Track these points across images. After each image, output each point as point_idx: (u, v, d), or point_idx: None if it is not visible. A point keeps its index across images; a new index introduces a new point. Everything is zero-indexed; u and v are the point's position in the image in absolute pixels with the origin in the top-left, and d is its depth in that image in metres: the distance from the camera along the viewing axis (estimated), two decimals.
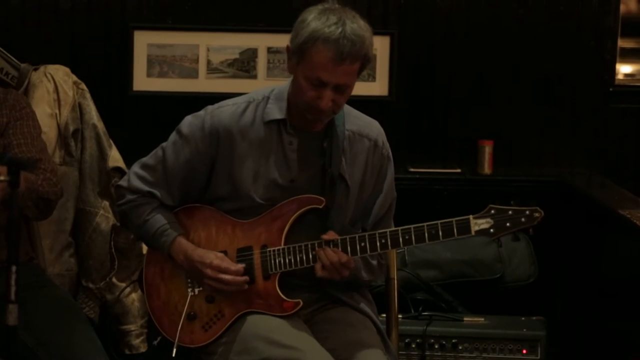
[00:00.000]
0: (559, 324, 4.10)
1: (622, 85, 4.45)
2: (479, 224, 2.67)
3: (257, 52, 4.23)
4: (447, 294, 3.96)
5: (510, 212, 2.67)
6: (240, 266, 2.76)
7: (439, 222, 2.69)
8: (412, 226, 2.70)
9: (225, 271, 2.74)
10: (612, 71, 4.40)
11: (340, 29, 2.59)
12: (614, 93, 4.41)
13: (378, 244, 2.71)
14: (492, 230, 2.67)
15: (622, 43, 4.40)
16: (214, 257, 2.76)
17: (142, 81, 4.20)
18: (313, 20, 2.62)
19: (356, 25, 2.62)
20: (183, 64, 4.21)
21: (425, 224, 2.69)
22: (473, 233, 2.67)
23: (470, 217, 2.68)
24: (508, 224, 2.66)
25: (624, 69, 4.48)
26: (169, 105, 4.20)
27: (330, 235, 2.73)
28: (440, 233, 2.68)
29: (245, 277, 2.75)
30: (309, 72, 2.63)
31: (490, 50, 4.36)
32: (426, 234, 2.69)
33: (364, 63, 2.67)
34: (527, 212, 2.66)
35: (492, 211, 2.67)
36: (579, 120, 4.40)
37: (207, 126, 2.78)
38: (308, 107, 2.67)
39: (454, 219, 2.68)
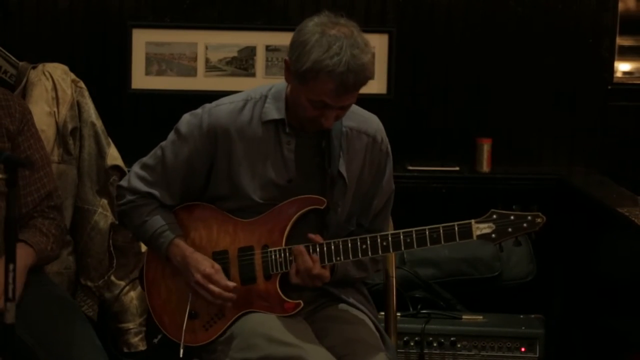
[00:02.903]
0: (558, 322, 4.09)
1: (621, 83, 4.45)
2: (480, 228, 2.66)
3: (255, 50, 4.23)
4: (445, 292, 3.96)
5: (512, 217, 2.66)
6: (232, 284, 2.74)
7: (441, 225, 2.68)
8: (413, 229, 2.69)
9: (216, 283, 2.73)
10: (611, 69, 4.39)
11: (343, 60, 2.54)
12: (613, 91, 4.40)
13: (379, 246, 2.71)
14: (493, 235, 2.66)
15: (620, 41, 4.40)
16: (209, 266, 2.75)
17: (141, 79, 4.20)
18: (314, 47, 2.56)
19: (357, 50, 2.56)
20: (181, 62, 4.21)
21: (427, 227, 2.68)
22: (475, 237, 2.67)
23: (472, 221, 2.67)
24: (510, 229, 2.66)
25: (622, 66, 4.47)
26: (167, 103, 4.20)
27: (317, 238, 2.72)
28: (442, 237, 2.67)
29: (233, 295, 2.73)
30: (312, 96, 2.60)
31: (489, 48, 4.35)
32: (428, 238, 2.68)
33: (365, 83, 2.64)
34: (529, 218, 2.66)
35: (494, 216, 2.66)
36: (577, 118, 4.40)
37: (205, 125, 2.77)
38: (310, 122, 2.67)
39: (455, 223, 2.67)
